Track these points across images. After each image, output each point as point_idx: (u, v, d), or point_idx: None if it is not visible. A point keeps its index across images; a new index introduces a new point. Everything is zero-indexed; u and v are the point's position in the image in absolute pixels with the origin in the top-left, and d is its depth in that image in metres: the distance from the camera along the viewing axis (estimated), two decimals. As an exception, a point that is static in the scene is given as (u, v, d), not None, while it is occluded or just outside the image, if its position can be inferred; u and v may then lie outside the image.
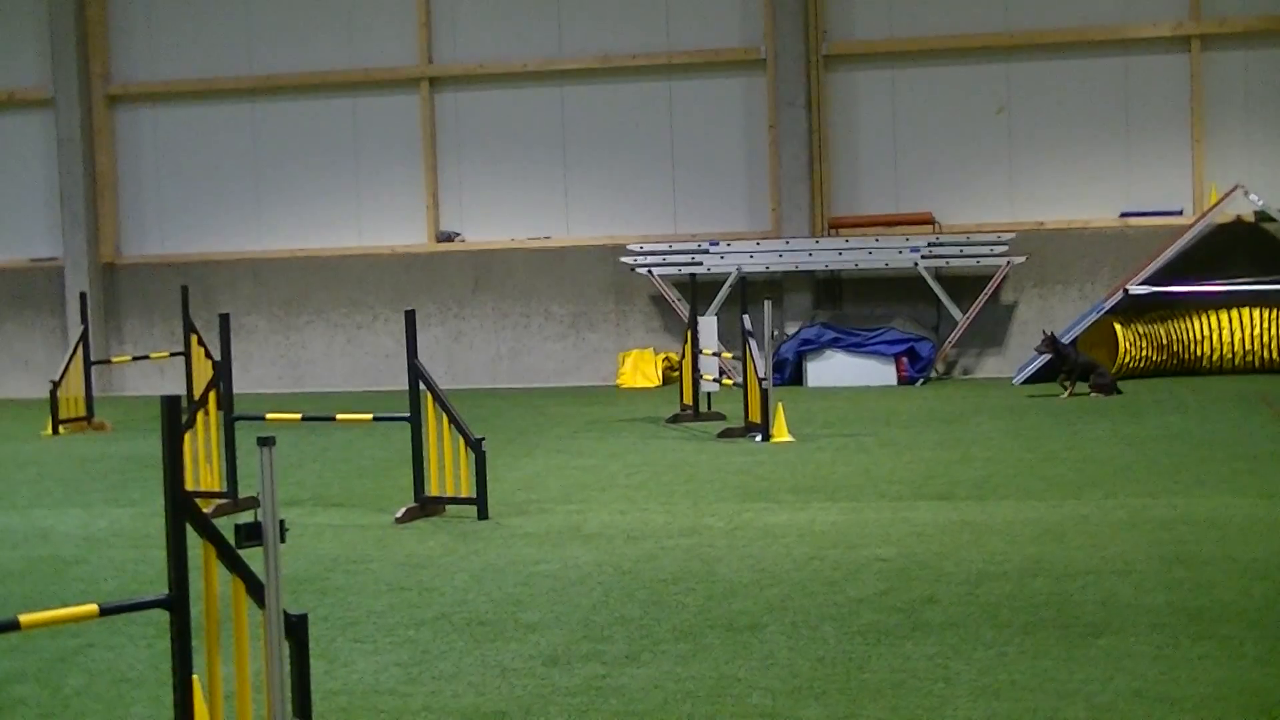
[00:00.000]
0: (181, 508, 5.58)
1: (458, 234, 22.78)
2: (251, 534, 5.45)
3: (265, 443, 5.44)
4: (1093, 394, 17.67)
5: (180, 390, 19.64)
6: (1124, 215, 21.21)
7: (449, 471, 11.15)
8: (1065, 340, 18.56)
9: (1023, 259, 20.67)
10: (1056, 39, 21.22)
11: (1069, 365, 17.97)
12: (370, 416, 12.53)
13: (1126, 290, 19.51)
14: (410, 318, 11.32)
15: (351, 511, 11.66)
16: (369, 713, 6.48)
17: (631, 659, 7.16)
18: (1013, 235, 20.76)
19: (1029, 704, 6.19)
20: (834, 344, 20.45)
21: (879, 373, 20.24)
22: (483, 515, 11.00)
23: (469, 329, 22.60)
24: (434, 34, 22.64)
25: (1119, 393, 17.76)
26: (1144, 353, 19.71)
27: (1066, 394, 17.80)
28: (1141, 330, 19.78)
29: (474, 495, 11.06)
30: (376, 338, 22.74)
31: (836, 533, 10.07)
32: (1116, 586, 8.18)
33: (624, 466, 13.55)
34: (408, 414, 11.31)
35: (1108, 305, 19.65)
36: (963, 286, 20.97)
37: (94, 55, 23.26)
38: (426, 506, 11.20)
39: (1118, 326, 19.58)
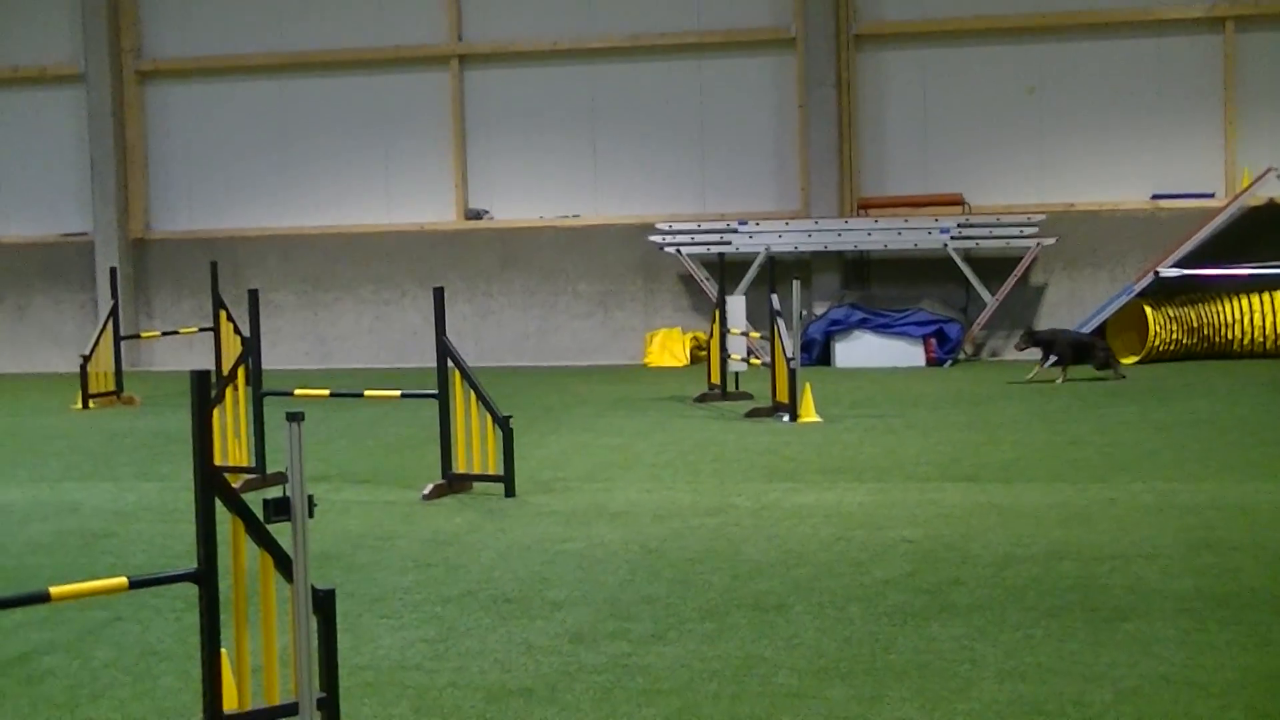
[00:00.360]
0: (211, 482, 5.60)
1: (486, 212, 22.78)
2: (280, 509, 5.47)
3: (294, 418, 5.46)
4: (1102, 374, 17.54)
5: (208, 365, 19.69)
6: (1155, 197, 21.11)
7: (476, 449, 11.16)
8: (1085, 327, 18.45)
9: (1052, 241, 20.60)
10: (1088, 20, 21.12)
11: (1056, 351, 17.68)
12: (398, 393, 12.54)
13: (1157, 273, 19.43)
14: (439, 295, 11.33)
15: (378, 488, 11.69)
16: (395, 688, 6.49)
17: (657, 638, 7.16)
18: (1043, 217, 20.69)
19: (1055, 687, 6.18)
20: (862, 325, 20.42)
21: (907, 354, 20.20)
22: (510, 493, 11.02)
23: (497, 307, 22.62)
24: (463, 12, 22.62)
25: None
26: (1174, 336, 19.64)
27: (1030, 375, 17.62)
28: (1172, 313, 19.71)
29: (501, 473, 11.08)
30: (404, 314, 22.78)
31: (863, 514, 10.06)
32: (1143, 571, 8.16)
33: (651, 445, 13.55)
34: (435, 391, 11.33)
35: (1138, 288, 19.58)
36: (992, 268, 20.90)
37: (125, 31, 23.31)
38: (453, 483, 11.23)
39: (1148, 309, 19.51)
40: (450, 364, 11.22)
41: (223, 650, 5.66)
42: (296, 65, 23.10)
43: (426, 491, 11.12)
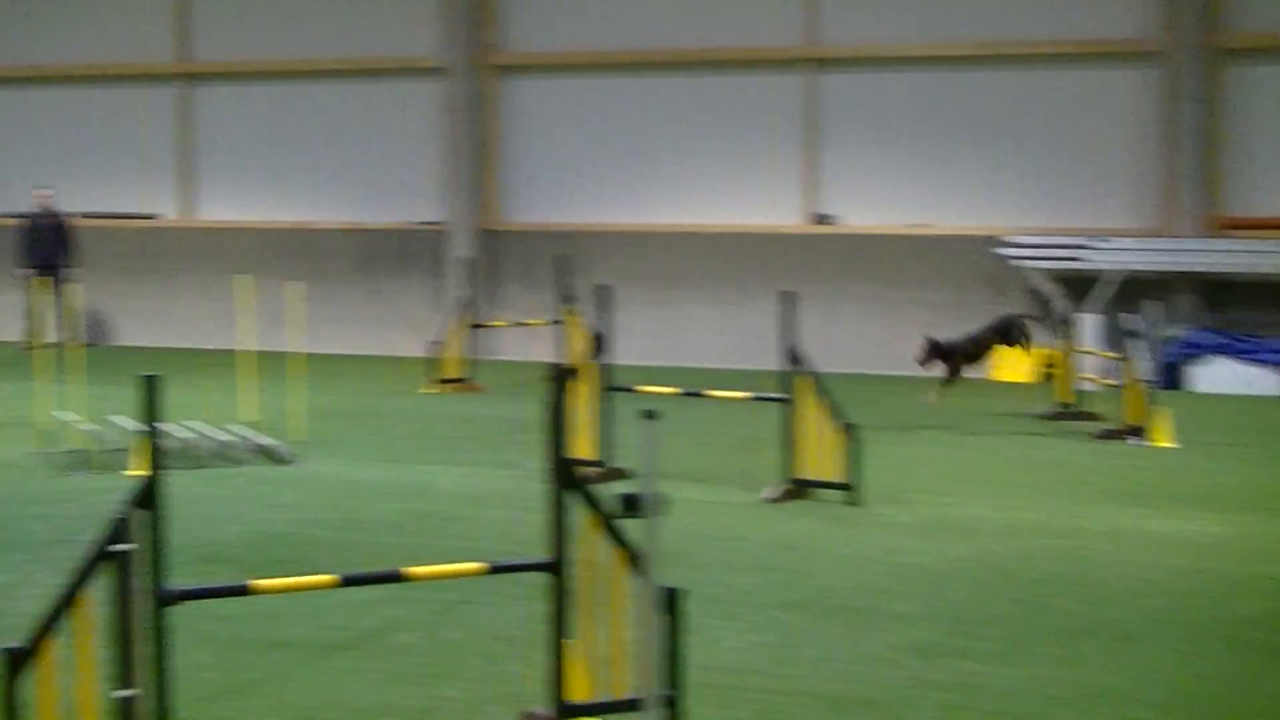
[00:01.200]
0: (564, 475, 5.64)
1: (834, 216, 22.66)
2: (633, 505, 5.48)
3: (649, 416, 5.46)
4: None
5: (551, 358, 20.01)
6: None
7: (821, 454, 11.06)
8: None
9: None
10: None
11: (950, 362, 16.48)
12: (745, 395, 12.53)
13: None
14: (787, 299, 11.29)
15: (720, 488, 11.68)
16: (737, 691, 6.45)
17: (1004, 659, 6.98)
18: None
19: None
20: (1221, 349, 19.64)
21: (1269, 382, 19.35)
22: (853, 501, 10.89)
23: (842, 312, 22.46)
24: (818, 14, 22.53)
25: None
26: None
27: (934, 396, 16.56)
28: None
29: (844, 480, 10.95)
30: (749, 316, 22.78)
31: (1221, 545, 9.64)
32: None
33: (997, 461, 13.26)
34: (781, 394, 11.27)
35: None
36: (1364, 296, 19.86)
37: (486, 25, 23.89)
38: (796, 488, 11.14)
39: None
40: (797, 368, 11.14)
41: (574, 641, 5.70)
42: (651, 63, 23.32)
43: (769, 494, 11.07)
